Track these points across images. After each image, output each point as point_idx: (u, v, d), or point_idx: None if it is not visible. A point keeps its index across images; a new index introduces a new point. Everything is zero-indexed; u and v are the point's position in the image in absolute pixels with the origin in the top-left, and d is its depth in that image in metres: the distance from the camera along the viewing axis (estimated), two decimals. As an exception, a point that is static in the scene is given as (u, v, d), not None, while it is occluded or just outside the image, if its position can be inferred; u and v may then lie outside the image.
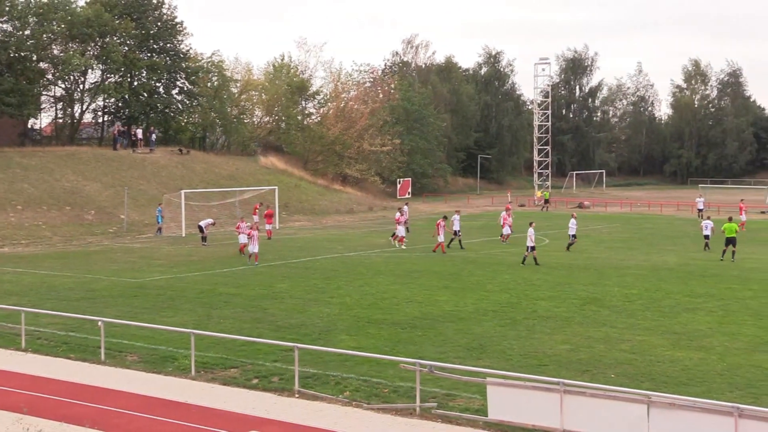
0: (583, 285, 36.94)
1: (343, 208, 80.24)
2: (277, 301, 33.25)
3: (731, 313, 30.66)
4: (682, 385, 20.92)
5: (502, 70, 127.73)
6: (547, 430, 17.85)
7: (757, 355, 24.29)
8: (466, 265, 43.86)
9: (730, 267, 42.67)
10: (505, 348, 25.28)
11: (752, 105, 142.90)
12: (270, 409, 19.37)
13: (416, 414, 19.03)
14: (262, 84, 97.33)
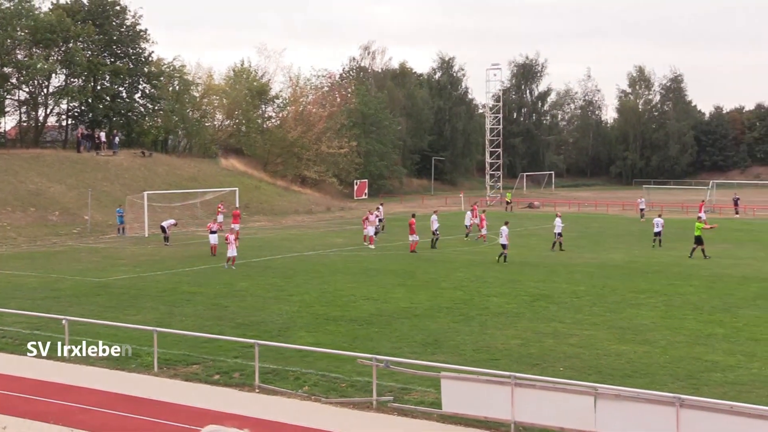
0: (533, 282, 37.15)
1: (302, 208, 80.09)
2: (238, 299, 33.12)
3: (673, 308, 30.97)
4: (627, 377, 21.10)
5: (455, 75, 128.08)
6: (499, 422, 17.93)
7: (697, 348, 24.55)
8: (421, 263, 43.95)
9: (673, 264, 43.11)
10: (459, 343, 25.36)
11: (693, 109, 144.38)
12: (231, 403, 19.30)
13: (373, 407, 19.04)
14: (222, 88, 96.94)
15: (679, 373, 21.85)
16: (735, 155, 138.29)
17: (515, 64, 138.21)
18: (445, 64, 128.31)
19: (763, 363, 22.85)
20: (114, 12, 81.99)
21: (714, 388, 20.24)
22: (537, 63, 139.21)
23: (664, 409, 16.53)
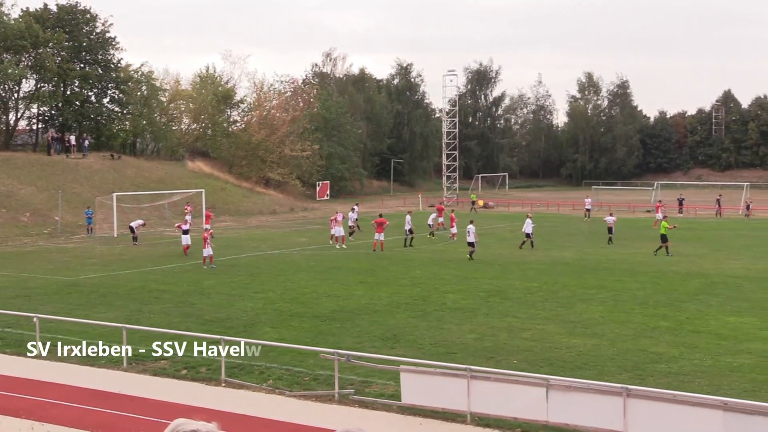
0: (488, 279, 37.31)
1: (266, 209, 79.84)
2: (205, 296, 33.00)
3: (621, 302, 31.25)
4: (578, 369, 21.27)
5: (412, 81, 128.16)
6: (456, 413, 18.02)
7: (643, 341, 24.80)
8: (381, 261, 44.00)
9: (621, 261, 43.47)
10: (417, 338, 25.43)
11: (638, 114, 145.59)
12: (198, 397, 19.26)
13: (335, 400, 19.07)
14: (189, 93, 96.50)
15: (626, 364, 22.06)
16: (678, 158, 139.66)
17: (470, 71, 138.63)
18: (403, 70, 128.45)
19: (705, 354, 23.14)
20: (84, 20, 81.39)
21: (659, 378, 20.47)
22: (491, 69, 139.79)
23: (612, 399, 16.71)
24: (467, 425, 17.73)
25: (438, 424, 17.83)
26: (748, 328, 26.54)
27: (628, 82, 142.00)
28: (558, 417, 17.12)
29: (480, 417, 17.82)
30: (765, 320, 27.80)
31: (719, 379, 20.51)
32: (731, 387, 19.66)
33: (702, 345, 24.23)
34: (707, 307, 30.33)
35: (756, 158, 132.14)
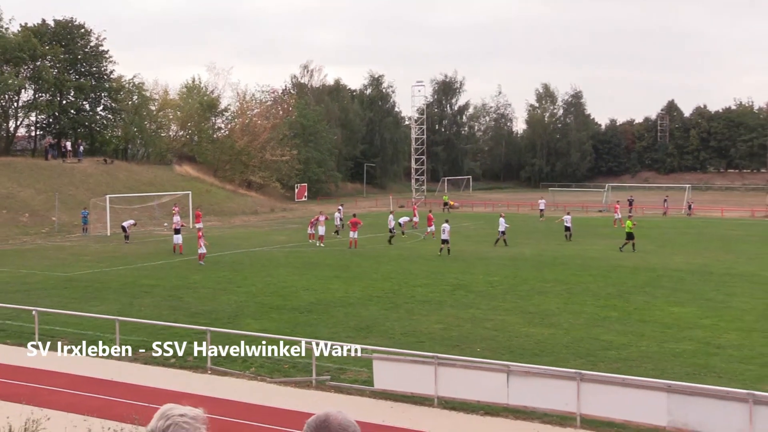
0: (453, 274, 37.41)
1: (248, 209, 79.55)
2: (192, 290, 32.89)
3: (575, 295, 31.45)
4: (535, 356, 21.40)
5: (384, 91, 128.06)
6: (424, 397, 18.08)
7: (595, 330, 24.98)
8: (354, 258, 44.00)
9: (576, 257, 43.71)
10: (388, 328, 25.47)
11: (591, 122, 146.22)
12: (186, 384, 19.21)
13: (312, 386, 19.09)
14: (177, 103, 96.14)
15: (579, 351, 22.21)
16: (627, 162, 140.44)
17: (436, 82, 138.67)
18: (375, 81, 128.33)
19: (651, 341, 23.34)
20: (79, 34, 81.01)
21: (609, 363, 20.62)
22: (455, 81, 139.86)
23: (566, 383, 16.82)
24: (434, 408, 17.80)
25: (407, 407, 17.88)
26: (689, 317, 26.80)
27: (581, 92, 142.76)
28: (518, 400, 17.22)
29: (446, 400, 17.89)
30: (705, 310, 28.09)
31: (664, 364, 20.70)
32: (674, 371, 19.84)
33: (648, 333, 24.44)
34: (653, 298, 30.60)
35: (696, 162, 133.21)
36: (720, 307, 28.61)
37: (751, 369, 20.37)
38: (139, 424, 14.37)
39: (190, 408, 3.63)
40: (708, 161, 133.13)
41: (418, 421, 17.07)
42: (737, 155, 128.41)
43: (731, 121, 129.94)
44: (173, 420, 3.54)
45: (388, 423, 16.84)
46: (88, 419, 16.35)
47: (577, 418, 16.65)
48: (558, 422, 16.81)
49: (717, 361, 21.10)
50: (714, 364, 20.85)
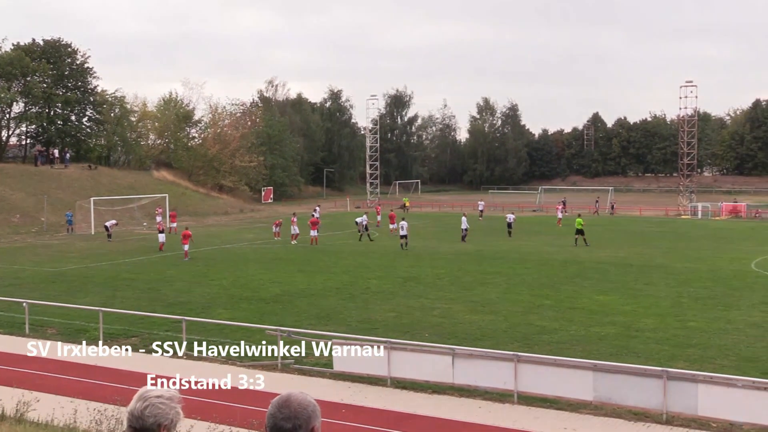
0: (404, 267, 37.48)
1: (220, 210, 79.00)
2: (168, 284, 32.56)
3: (513, 285, 31.67)
4: (478, 340, 21.51)
5: (342, 104, 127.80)
6: (378, 378, 18.09)
7: (530, 316, 25.18)
8: (316, 253, 43.87)
9: (513, 251, 44.01)
10: (346, 316, 25.45)
11: (526, 131, 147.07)
12: (164, 368, 19.01)
13: (278, 369, 19.00)
14: (155, 114, 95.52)
15: (516, 335, 22.37)
16: (558, 167, 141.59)
17: (389, 96, 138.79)
18: (333, 95, 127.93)
19: (579, 326, 23.58)
20: (66, 52, 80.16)
21: (543, 346, 20.80)
22: (405, 95, 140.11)
23: (505, 364, 16.94)
24: (388, 388, 17.82)
25: (363, 387, 17.88)
26: (613, 304, 27.13)
27: (517, 105, 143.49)
28: (462, 379, 17.31)
29: (398, 381, 17.92)
30: (626, 298, 28.45)
31: (590, 346, 20.93)
32: (600, 352, 20.07)
33: (577, 319, 24.69)
34: (581, 288, 30.92)
35: (618, 167, 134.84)
36: (639, 295, 29.00)
37: (666, 349, 20.68)
38: (120, 405, 14.20)
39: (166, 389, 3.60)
40: (628, 166, 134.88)
41: (373, 400, 17.08)
42: (653, 161, 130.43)
43: (647, 131, 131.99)
44: (150, 401, 3.50)
45: (346, 401, 16.82)
46: (75, 401, 16.11)
47: (514, 395, 16.78)
48: (498, 399, 16.91)
49: (636, 343, 21.38)
50: (634, 345, 21.13)
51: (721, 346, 20.93)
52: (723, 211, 74.42)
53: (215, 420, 14.63)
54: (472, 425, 15.61)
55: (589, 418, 15.78)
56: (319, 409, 3.44)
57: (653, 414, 15.70)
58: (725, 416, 15.15)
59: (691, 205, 78.95)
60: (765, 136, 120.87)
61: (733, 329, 23.03)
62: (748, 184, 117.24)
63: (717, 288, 30.68)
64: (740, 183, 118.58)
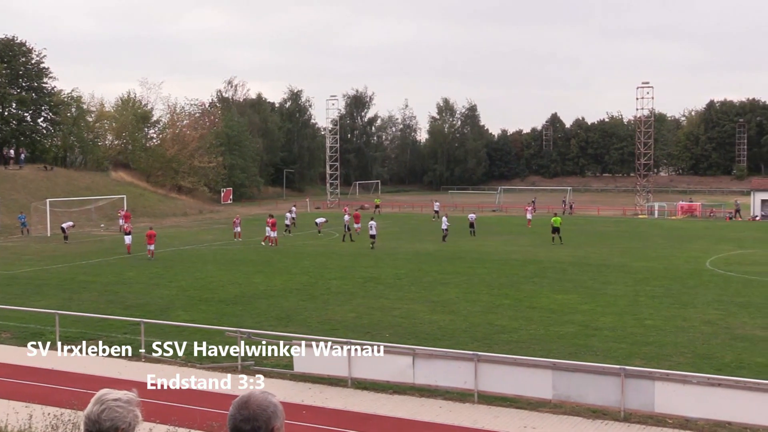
0: (364, 267, 37.49)
1: (179, 212, 78.26)
2: (127, 285, 32.20)
3: (472, 285, 31.83)
4: (438, 340, 21.59)
5: (302, 105, 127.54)
6: (339, 378, 18.08)
7: (490, 316, 25.33)
8: (275, 254, 43.69)
9: (473, 251, 44.23)
10: (306, 317, 25.39)
11: (485, 132, 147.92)
12: (122, 371, 18.81)
13: (238, 370, 18.90)
14: (112, 114, 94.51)
15: (476, 335, 22.50)
16: (517, 167, 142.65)
17: (349, 96, 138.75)
18: (293, 95, 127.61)
19: (538, 325, 23.79)
20: (20, 52, 78.66)
21: (502, 346, 20.94)
22: (366, 95, 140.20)
23: (465, 364, 17.03)
24: (348, 389, 17.82)
25: (324, 388, 17.85)
26: (571, 304, 27.41)
27: (476, 105, 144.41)
28: (423, 379, 17.36)
29: (359, 381, 17.93)
30: (585, 297, 28.77)
31: (549, 345, 21.12)
32: (559, 350, 20.27)
33: (536, 318, 24.90)
34: (540, 287, 31.19)
35: (576, 167, 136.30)
36: (597, 294, 29.34)
37: (623, 347, 20.96)
38: (77, 410, 13.99)
39: (124, 392, 3.57)
40: (586, 167, 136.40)
41: (334, 401, 17.07)
42: (611, 161, 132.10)
43: (605, 132, 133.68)
44: (108, 404, 3.47)
45: (307, 403, 16.78)
46: (30, 405, 15.84)
47: (474, 394, 16.87)
48: (458, 398, 17.00)
49: (594, 341, 21.63)
50: (592, 344, 21.37)
51: (677, 344, 21.26)
52: (679, 211, 75.62)
53: (175, 423, 14.50)
54: (433, 425, 15.67)
55: (548, 417, 15.93)
56: (281, 408, 3.43)
57: (611, 411, 15.90)
58: (681, 412, 15.40)
59: (648, 205, 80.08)
60: (719, 136, 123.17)
61: (689, 327, 23.41)
62: (703, 184, 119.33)
63: (673, 286, 31.16)
64: (695, 183, 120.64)
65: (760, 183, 76.77)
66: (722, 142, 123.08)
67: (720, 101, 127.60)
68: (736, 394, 15.02)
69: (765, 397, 14.85)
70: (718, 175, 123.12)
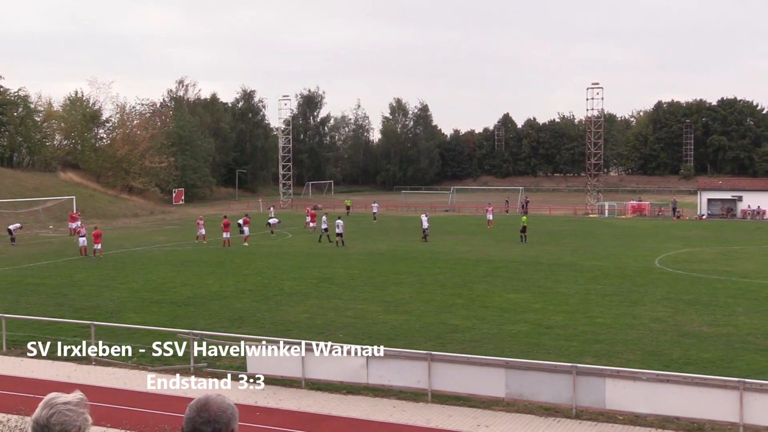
0: (318, 268, 37.40)
1: (130, 212, 77.23)
2: (76, 288, 31.69)
3: (426, 285, 31.95)
4: (392, 340, 21.62)
5: (255, 105, 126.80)
6: (293, 379, 18.02)
7: (443, 315, 25.45)
8: (228, 255, 43.38)
9: (426, 251, 44.38)
10: (260, 318, 25.25)
11: (438, 132, 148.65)
12: (72, 375, 18.52)
13: (191, 372, 18.72)
14: (61, 114, 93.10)
15: (430, 334, 22.58)
16: (469, 167, 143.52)
17: (301, 96, 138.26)
18: (246, 95, 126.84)
19: (491, 324, 23.96)
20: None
21: (456, 345, 21.05)
22: (318, 95, 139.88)
23: (419, 363, 17.10)
24: (302, 389, 17.77)
25: (278, 389, 17.78)
26: (524, 303, 27.67)
27: (427, 105, 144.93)
28: (376, 380, 17.38)
29: (312, 382, 17.89)
30: (537, 296, 29.06)
31: (502, 344, 21.29)
32: (511, 349, 20.44)
33: (489, 317, 25.09)
34: (493, 286, 31.43)
35: (528, 167, 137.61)
36: (549, 293, 29.65)
37: (575, 345, 21.22)
38: (25, 415, 13.74)
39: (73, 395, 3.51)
40: (538, 166, 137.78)
41: (287, 402, 17.01)
42: (562, 161, 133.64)
43: (556, 132, 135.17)
44: (57, 408, 3.41)
45: (260, 404, 16.70)
46: (-25, 412, 15.51)
47: (428, 394, 16.94)
48: (412, 398, 17.05)
49: (546, 340, 21.86)
50: (544, 342, 21.59)
51: (627, 341, 21.59)
52: (628, 210, 76.83)
53: (126, 426, 14.32)
54: (387, 425, 15.70)
55: (501, 415, 16.06)
56: (237, 411, 3.42)
57: (563, 409, 16.09)
58: (631, 409, 15.65)
59: (599, 204, 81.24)
60: (667, 137, 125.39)
61: (638, 324, 23.78)
62: (652, 183, 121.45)
63: (623, 285, 31.63)
64: (644, 182, 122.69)
65: (706, 182, 78.39)
66: (670, 143, 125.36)
67: (667, 102, 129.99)
68: (684, 390, 15.31)
69: (712, 392, 15.16)
70: (666, 174, 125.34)
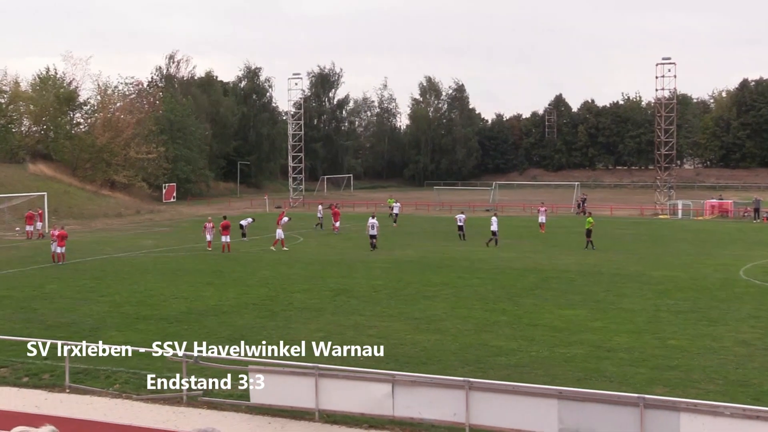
0: (334, 278, 37.38)
1: (112, 212, 77.79)
2: (48, 301, 31.88)
3: (462, 299, 31.81)
4: (422, 364, 21.52)
5: (260, 84, 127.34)
6: (304, 410, 17.98)
7: (484, 335, 25.32)
8: (228, 262, 43.52)
9: (462, 259, 44.26)
10: (265, 338, 25.21)
11: (476, 117, 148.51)
12: (41, 405, 18.59)
13: (183, 402, 18.74)
14: (29, 95, 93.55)
15: (468, 358, 22.46)
16: (514, 159, 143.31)
17: (313, 74, 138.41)
18: (251, 74, 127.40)
19: (541, 346, 23.80)
20: None
21: (499, 370, 20.91)
22: (333, 73, 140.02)
23: (455, 392, 16.99)
24: (315, 422, 17.72)
25: (286, 422, 17.75)
26: (580, 320, 27.47)
27: (464, 85, 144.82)
28: (404, 411, 17.30)
29: (328, 414, 17.83)
30: (595, 312, 28.85)
31: (554, 369, 21.14)
32: (565, 376, 20.29)
33: (538, 337, 24.92)
34: (543, 301, 31.24)
35: (585, 159, 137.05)
36: (610, 309, 29.43)
37: (642, 372, 21.01)
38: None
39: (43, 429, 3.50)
40: (597, 158, 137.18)
41: (298, 437, 16.97)
42: (625, 152, 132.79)
43: (619, 117, 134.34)
44: (23, 445, 3.40)
45: (265, 440, 16.68)
46: (-70, 447, 15.64)
47: (466, 429, 16.84)
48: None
49: (608, 365, 21.67)
50: (605, 368, 21.41)
51: (706, 368, 21.36)
52: (706, 210, 76.24)
53: (106, 466, 14.37)
54: (417, 466, 15.62)
55: (553, 455, 15.92)
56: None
57: (628, 448, 15.91)
58: (711, 449, 15.45)
59: (670, 203, 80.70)
60: (754, 122, 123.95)
61: (720, 348, 23.52)
62: (735, 178, 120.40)
63: (700, 300, 31.32)
64: (726, 177, 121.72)
65: (801, 177, 77.55)
66: (758, 129, 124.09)
67: (755, 80, 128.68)
68: (775, 427, 15.10)
69: (809, 429, 14.93)
70: (753, 167, 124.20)
